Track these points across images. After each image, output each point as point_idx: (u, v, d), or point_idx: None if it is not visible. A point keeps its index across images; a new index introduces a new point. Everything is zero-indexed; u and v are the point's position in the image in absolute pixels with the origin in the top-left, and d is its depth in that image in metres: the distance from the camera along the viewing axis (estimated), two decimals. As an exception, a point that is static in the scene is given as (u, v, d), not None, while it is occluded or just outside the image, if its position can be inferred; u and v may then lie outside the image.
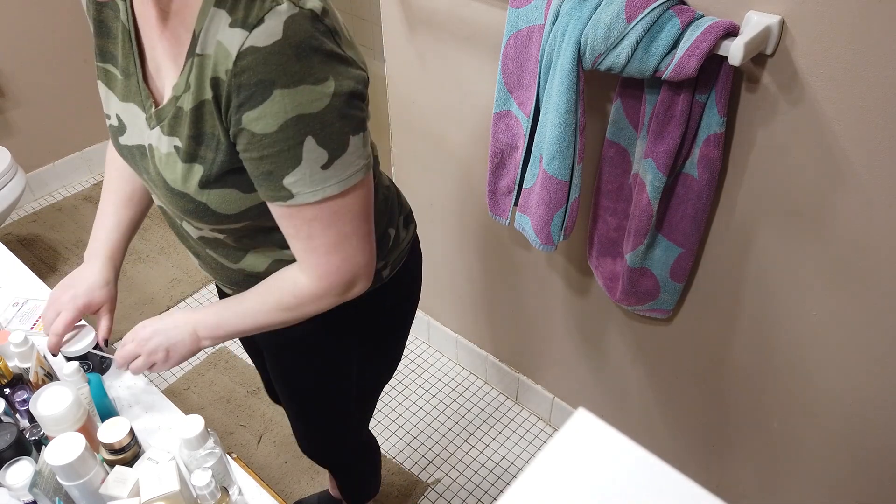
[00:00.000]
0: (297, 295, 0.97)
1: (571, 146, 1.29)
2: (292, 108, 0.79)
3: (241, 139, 0.83)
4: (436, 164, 1.81)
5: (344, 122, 0.83)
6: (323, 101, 0.80)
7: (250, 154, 0.84)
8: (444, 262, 2.02)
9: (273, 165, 0.83)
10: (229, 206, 0.91)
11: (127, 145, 0.97)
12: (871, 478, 1.39)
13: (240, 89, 0.79)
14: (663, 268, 1.39)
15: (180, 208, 0.93)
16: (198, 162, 0.88)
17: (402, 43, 1.67)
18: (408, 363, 2.26)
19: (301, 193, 0.85)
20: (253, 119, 0.80)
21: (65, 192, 2.90)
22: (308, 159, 0.82)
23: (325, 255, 0.92)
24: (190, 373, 2.20)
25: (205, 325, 1.03)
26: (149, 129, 0.92)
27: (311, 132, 0.81)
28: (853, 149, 1.10)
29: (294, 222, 0.89)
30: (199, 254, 1.09)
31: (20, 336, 1.11)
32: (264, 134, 0.81)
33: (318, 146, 0.82)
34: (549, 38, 1.23)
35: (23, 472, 0.99)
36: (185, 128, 0.86)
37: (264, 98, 0.78)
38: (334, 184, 0.85)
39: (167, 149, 0.89)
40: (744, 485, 1.64)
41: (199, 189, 0.89)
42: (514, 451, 2.02)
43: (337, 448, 1.43)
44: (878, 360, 1.25)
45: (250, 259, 1.03)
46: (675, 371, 1.62)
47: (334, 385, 1.25)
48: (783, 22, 1.08)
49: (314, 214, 0.88)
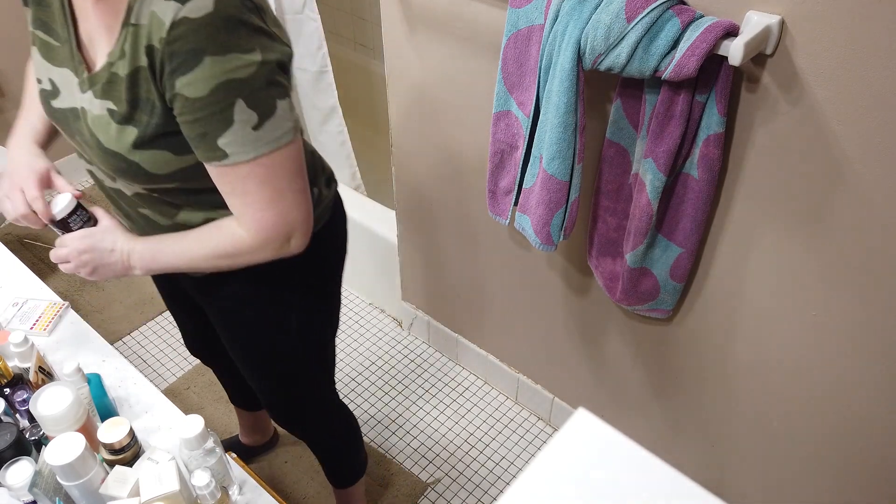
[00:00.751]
0: (235, 246, 1.03)
1: (571, 146, 1.29)
2: (222, 74, 0.86)
3: (177, 103, 0.90)
4: (436, 164, 1.81)
5: (271, 87, 0.91)
6: (250, 69, 0.88)
7: (185, 117, 0.91)
8: (443, 262, 2.02)
9: (207, 127, 0.90)
10: (161, 166, 0.97)
11: (60, 108, 1.02)
12: (870, 477, 1.39)
13: (172, 56, 0.86)
14: (663, 268, 1.39)
15: (112, 167, 0.99)
16: (132, 124, 0.94)
17: (402, 43, 1.67)
18: (408, 363, 2.26)
19: (235, 153, 0.92)
20: (185, 84, 0.87)
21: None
22: (239, 121, 0.90)
23: (261, 211, 0.98)
24: (190, 373, 2.20)
25: (140, 255, 1.08)
26: (80, 92, 0.98)
27: (240, 96, 0.88)
28: (853, 149, 1.10)
29: (230, 180, 0.96)
30: (129, 215, 1.12)
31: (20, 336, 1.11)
32: (196, 98, 0.88)
33: (248, 108, 0.89)
34: (549, 38, 1.23)
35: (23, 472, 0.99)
36: (120, 92, 0.93)
37: (195, 64, 0.86)
38: (265, 143, 0.93)
39: (99, 111, 0.96)
40: (743, 484, 1.64)
41: (132, 149, 0.95)
42: (514, 451, 2.02)
43: (299, 410, 1.45)
44: (878, 359, 1.25)
45: (184, 215, 1.08)
46: (675, 371, 1.62)
47: (276, 340, 1.28)
48: (783, 22, 1.08)
49: (248, 172, 0.94)
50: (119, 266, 1.09)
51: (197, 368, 2.20)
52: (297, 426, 1.51)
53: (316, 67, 2.14)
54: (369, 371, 2.23)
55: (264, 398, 1.44)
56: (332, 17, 2.86)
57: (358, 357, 2.28)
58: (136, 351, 2.28)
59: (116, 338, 2.31)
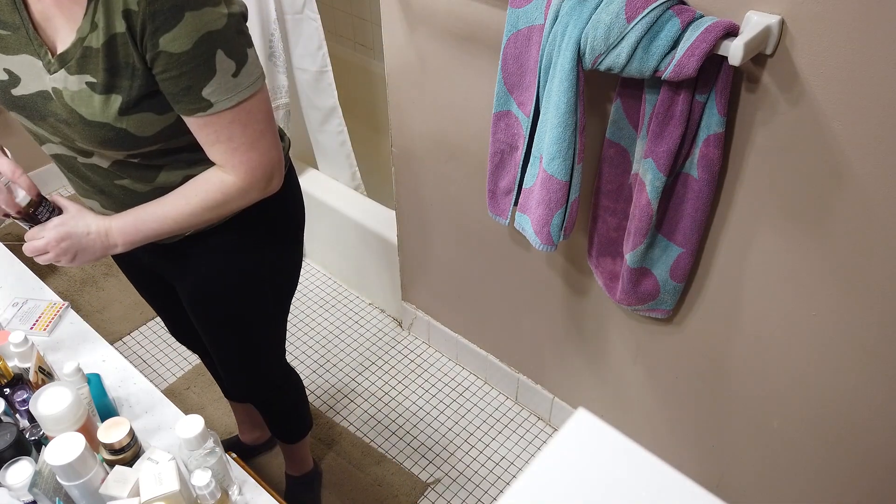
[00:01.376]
0: (224, 192, 1.09)
1: (571, 146, 1.29)
2: (202, 26, 0.93)
3: (160, 61, 0.94)
4: (436, 164, 1.81)
5: (240, 36, 0.98)
6: (223, 20, 0.94)
7: (170, 73, 0.95)
8: (443, 261, 2.02)
9: (192, 80, 0.96)
10: (146, 128, 1.02)
11: (24, 95, 1.03)
12: (870, 478, 1.39)
13: (154, 16, 0.91)
14: (663, 268, 1.39)
15: (99, 139, 1.02)
16: (115, 92, 0.98)
17: (402, 43, 1.67)
18: (408, 363, 2.26)
19: (219, 101, 0.99)
20: (170, 40, 0.92)
21: (64, 192, 2.90)
22: (220, 70, 0.96)
23: (247, 153, 1.06)
24: (190, 373, 2.20)
25: (121, 230, 1.11)
26: (48, 73, 0.99)
27: (219, 46, 0.95)
28: (853, 149, 1.10)
29: (215, 128, 1.02)
30: (105, 190, 1.14)
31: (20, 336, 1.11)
32: (181, 52, 0.93)
33: (227, 57, 0.96)
34: (549, 37, 1.23)
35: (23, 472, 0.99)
36: (97, 63, 0.96)
37: (177, 21, 0.91)
38: (244, 88, 1.00)
39: (77, 86, 0.98)
40: (743, 484, 1.64)
41: (119, 116, 0.99)
42: (514, 451, 2.02)
43: (264, 375, 1.51)
44: (878, 359, 1.25)
45: (164, 177, 1.12)
46: (675, 371, 1.62)
47: (249, 301, 1.33)
48: (783, 22, 1.08)
49: (232, 118, 1.01)
50: (98, 246, 1.12)
51: (197, 368, 2.21)
52: (261, 392, 1.56)
53: (316, 67, 2.14)
54: (369, 371, 2.23)
55: (231, 368, 1.48)
56: (332, 17, 2.86)
57: (358, 357, 2.28)
58: (136, 351, 2.28)
59: (116, 338, 2.31)
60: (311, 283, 2.53)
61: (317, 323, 2.39)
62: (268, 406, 1.62)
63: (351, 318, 2.41)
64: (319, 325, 2.38)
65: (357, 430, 2.06)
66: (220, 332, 1.40)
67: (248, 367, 1.48)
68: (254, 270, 1.30)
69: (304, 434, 1.73)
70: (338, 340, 2.33)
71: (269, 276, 1.34)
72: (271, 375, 1.53)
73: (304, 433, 1.72)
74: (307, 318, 2.41)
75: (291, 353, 2.29)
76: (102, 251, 1.13)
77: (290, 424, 1.69)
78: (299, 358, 2.27)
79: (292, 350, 2.29)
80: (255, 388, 1.55)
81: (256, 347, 1.44)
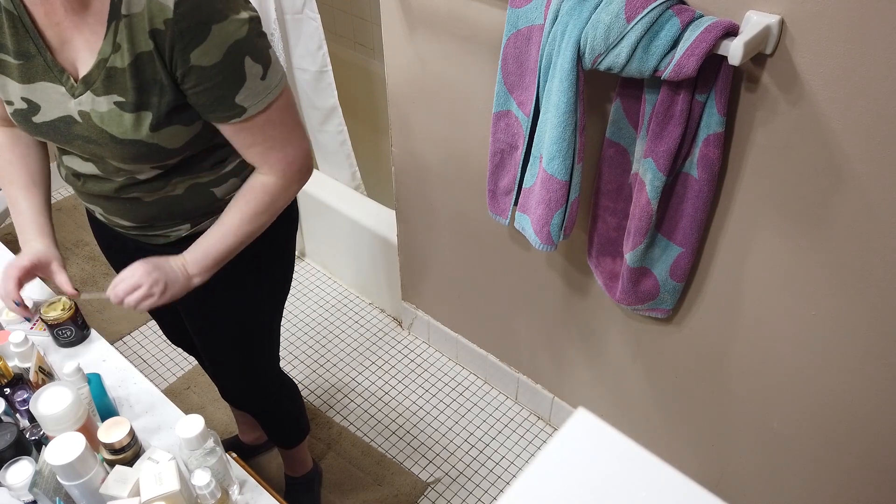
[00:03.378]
0: (270, 192, 1.13)
1: (571, 146, 1.29)
2: (229, 36, 0.95)
3: (192, 75, 0.97)
4: (436, 164, 1.81)
5: (262, 39, 1.00)
6: (245, 27, 0.97)
7: (202, 86, 0.98)
8: (443, 261, 2.02)
9: (224, 89, 0.99)
10: (176, 140, 1.05)
11: (45, 122, 1.05)
12: (870, 478, 1.39)
13: (183, 34, 0.93)
14: (663, 267, 1.39)
15: (131, 155, 1.04)
16: (145, 109, 1.00)
17: (402, 43, 1.67)
18: (408, 363, 2.26)
19: (252, 106, 1.02)
20: (200, 55, 0.95)
21: (65, 191, 2.90)
22: (250, 75, 0.99)
23: (282, 150, 1.09)
24: (190, 372, 2.20)
25: (193, 260, 1.15)
26: (73, 98, 1.01)
27: (246, 52, 0.98)
28: (853, 148, 1.10)
29: (251, 132, 1.06)
30: (111, 197, 1.15)
31: (20, 336, 1.11)
32: (213, 65, 0.96)
33: (255, 62, 0.99)
34: (549, 37, 1.23)
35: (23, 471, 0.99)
36: (124, 82, 0.98)
37: (205, 35, 0.94)
38: (273, 89, 1.03)
39: (107, 107, 1.00)
40: (743, 483, 1.64)
41: (151, 133, 1.01)
42: (514, 450, 2.02)
43: (256, 385, 1.52)
44: (878, 359, 1.25)
45: (170, 187, 1.14)
46: (675, 370, 1.62)
47: (247, 298, 1.34)
48: (783, 22, 1.08)
49: (266, 119, 1.05)
50: (182, 278, 1.15)
51: (197, 368, 2.21)
52: (256, 400, 1.57)
53: (316, 67, 2.14)
54: (369, 371, 2.23)
55: (226, 376, 1.49)
56: (332, 17, 2.86)
57: (358, 357, 2.28)
58: (136, 351, 2.28)
59: (116, 338, 2.31)
60: (311, 283, 2.53)
61: (317, 323, 2.39)
62: (264, 414, 1.63)
63: (351, 317, 2.41)
64: (319, 325, 2.38)
65: (357, 430, 2.06)
66: (214, 339, 1.40)
67: (243, 376, 1.48)
68: (245, 272, 1.30)
69: (301, 439, 1.73)
70: (338, 340, 2.33)
71: (262, 278, 1.34)
72: (266, 384, 1.54)
73: (300, 438, 1.73)
74: (307, 317, 2.41)
75: (291, 352, 2.29)
76: (185, 282, 1.15)
77: (286, 431, 1.70)
78: (299, 357, 2.27)
79: (292, 350, 2.29)
80: (250, 397, 1.56)
81: (251, 355, 1.45)
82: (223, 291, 1.31)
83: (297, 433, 1.71)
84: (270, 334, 1.46)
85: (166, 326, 1.62)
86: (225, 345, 1.41)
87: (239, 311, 1.35)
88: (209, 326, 1.38)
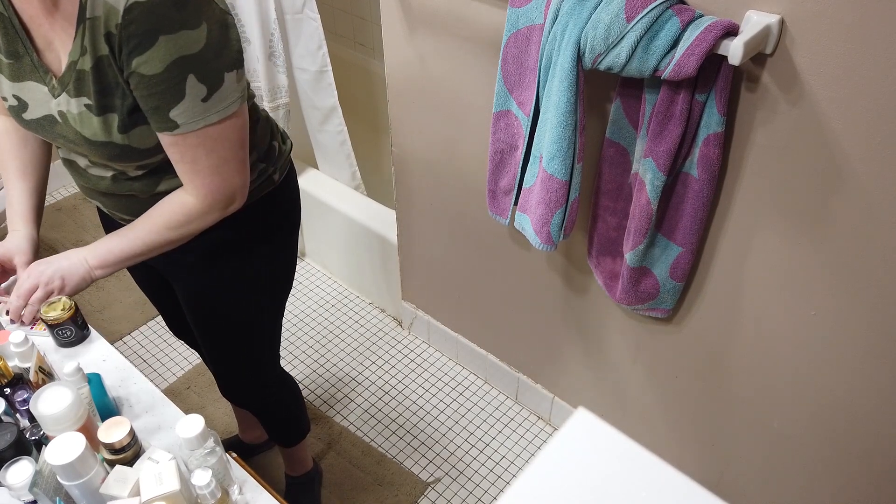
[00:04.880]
0: (186, 213, 1.11)
1: (571, 146, 1.29)
2: (176, 51, 0.93)
3: (132, 80, 0.96)
4: (436, 163, 1.81)
5: (219, 60, 0.98)
6: (200, 43, 0.94)
7: (140, 92, 0.97)
8: (443, 261, 2.02)
9: (160, 101, 0.97)
10: (148, 140, 1.04)
11: (33, 119, 1.07)
12: (871, 477, 1.39)
13: (129, 39, 0.92)
14: (663, 267, 1.39)
15: (106, 156, 1.05)
16: (110, 111, 1.00)
17: (402, 43, 1.67)
18: (408, 363, 2.26)
19: (185, 123, 0.99)
20: (142, 63, 0.94)
21: (65, 191, 2.90)
22: (190, 94, 0.97)
23: (209, 177, 1.07)
24: (190, 372, 2.20)
25: (95, 254, 1.14)
26: (54, 98, 1.03)
27: (192, 70, 0.95)
28: (853, 148, 1.10)
29: (180, 149, 1.03)
30: (108, 193, 1.16)
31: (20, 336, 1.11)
32: (152, 75, 0.94)
33: (199, 82, 0.96)
34: (549, 37, 1.23)
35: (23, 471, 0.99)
36: (89, 86, 0.98)
37: (151, 44, 0.92)
38: (213, 114, 1.00)
39: (78, 109, 1.01)
40: (743, 483, 1.64)
41: (120, 134, 1.02)
42: (514, 450, 2.02)
43: (257, 383, 1.52)
44: (878, 359, 1.25)
45: (164, 184, 1.14)
46: (675, 371, 1.62)
47: (249, 296, 1.34)
48: (783, 21, 1.08)
49: (197, 141, 1.02)
50: (81, 270, 1.14)
51: (197, 368, 2.21)
52: (257, 398, 1.57)
53: (316, 67, 2.14)
54: (369, 370, 2.23)
55: (227, 373, 1.49)
56: (332, 17, 2.86)
57: (358, 357, 2.28)
58: (136, 351, 2.28)
59: (116, 338, 2.31)
60: (311, 283, 2.53)
61: (317, 322, 2.39)
62: (264, 412, 1.63)
63: (351, 317, 2.41)
64: (319, 325, 2.38)
65: (357, 430, 2.06)
66: (216, 335, 1.40)
67: (244, 373, 1.49)
68: (248, 269, 1.31)
69: (302, 438, 1.74)
70: (338, 340, 2.33)
71: (264, 276, 1.35)
72: (267, 381, 1.54)
73: (301, 437, 1.73)
74: (307, 317, 2.41)
75: (291, 352, 2.29)
76: (86, 273, 1.15)
77: (287, 429, 1.70)
78: (299, 357, 2.27)
79: (292, 350, 2.30)
80: (252, 394, 1.56)
81: (252, 352, 1.45)
82: (225, 288, 1.32)
83: (297, 432, 1.72)
84: (272, 332, 1.46)
85: (170, 320, 1.63)
86: (226, 342, 1.41)
87: (240, 308, 1.36)
88: (211, 323, 1.38)
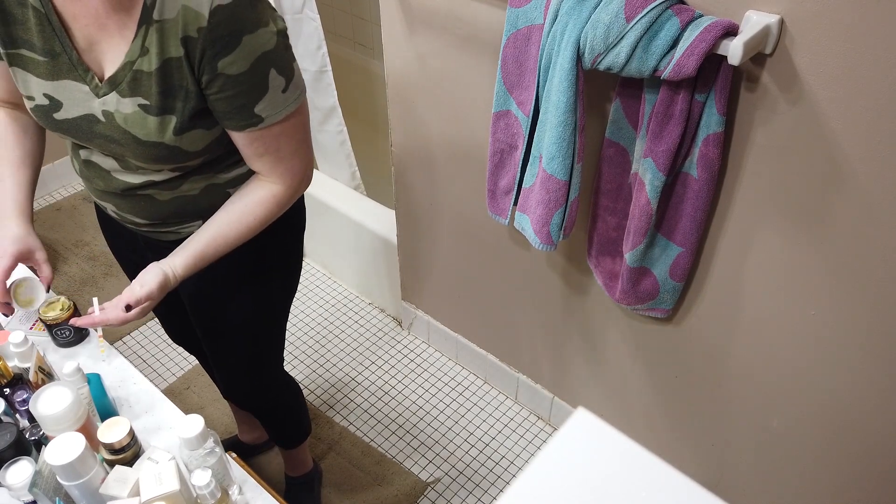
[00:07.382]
0: (277, 202, 1.14)
1: (571, 146, 1.29)
2: (258, 48, 0.97)
3: (217, 82, 0.99)
4: (435, 163, 1.81)
5: (288, 52, 1.03)
6: (274, 39, 0.99)
7: (225, 93, 1.00)
8: (443, 261, 2.02)
9: (246, 98, 1.01)
10: (197, 144, 1.07)
11: (67, 119, 1.06)
12: (871, 477, 1.39)
13: (215, 42, 0.95)
14: (663, 267, 1.39)
15: (153, 156, 1.06)
16: (169, 113, 1.02)
17: (402, 43, 1.67)
18: (407, 363, 2.26)
19: (269, 116, 1.04)
20: (228, 63, 0.97)
21: (64, 192, 2.90)
22: (272, 87, 1.02)
23: (291, 161, 1.12)
24: (190, 372, 2.20)
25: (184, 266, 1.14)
26: (97, 97, 1.03)
27: (272, 65, 1.00)
28: (852, 148, 1.10)
29: (265, 141, 1.07)
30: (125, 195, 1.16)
31: (20, 336, 1.11)
32: (238, 74, 0.98)
33: (279, 75, 1.02)
34: (549, 37, 1.23)
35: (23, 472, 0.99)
36: (149, 86, 0.99)
37: (236, 45, 0.96)
38: (291, 102, 1.05)
39: (131, 108, 1.02)
40: (743, 483, 1.64)
41: (174, 136, 1.03)
42: (514, 450, 2.02)
43: (260, 384, 1.52)
44: (878, 359, 1.25)
45: (186, 186, 1.15)
46: (675, 371, 1.62)
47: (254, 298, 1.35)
48: (782, 21, 1.08)
49: (280, 130, 1.07)
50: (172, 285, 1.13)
51: (197, 368, 2.21)
52: (259, 400, 1.57)
53: (316, 67, 2.14)
54: (369, 371, 2.23)
55: (233, 374, 1.49)
56: (331, 17, 2.86)
57: (358, 357, 2.28)
58: (136, 351, 2.28)
59: (116, 338, 2.31)
60: (311, 283, 2.53)
61: (317, 323, 2.39)
62: (266, 413, 1.63)
63: (351, 318, 2.41)
64: (320, 325, 2.38)
65: (357, 430, 2.06)
66: (220, 338, 1.40)
67: (247, 375, 1.48)
68: (254, 272, 1.31)
69: (303, 440, 1.74)
70: (338, 340, 2.33)
71: (270, 278, 1.35)
72: (270, 384, 1.54)
73: (302, 439, 1.73)
74: (307, 317, 2.41)
75: (291, 352, 2.29)
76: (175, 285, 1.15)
77: (288, 431, 1.70)
78: (299, 357, 2.27)
79: (292, 350, 2.29)
80: (254, 396, 1.56)
81: (256, 354, 1.45)
82: (231, 290, 1.32)
83: (298, 434, 1.72)
84: (276, 334, 1.47)
85: (169, 325, 1.62)
86: (231, 343, 1.41)
87: (246, 310, 1.36)
88: (215, 326, 1.38)
